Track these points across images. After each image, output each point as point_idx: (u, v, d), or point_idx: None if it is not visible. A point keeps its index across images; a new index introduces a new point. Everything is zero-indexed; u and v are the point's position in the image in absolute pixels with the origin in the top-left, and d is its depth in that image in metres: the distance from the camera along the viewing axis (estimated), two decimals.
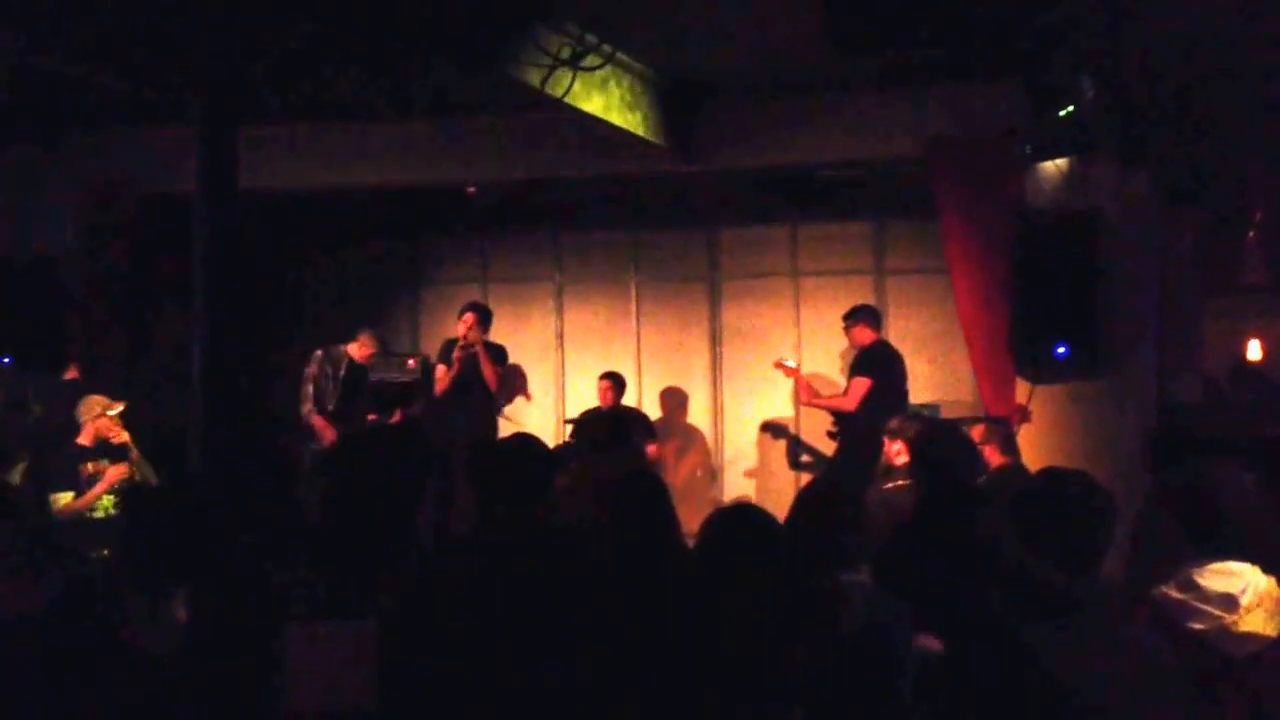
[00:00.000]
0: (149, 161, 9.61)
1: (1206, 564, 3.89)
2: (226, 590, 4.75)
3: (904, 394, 9.34)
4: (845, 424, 9.29)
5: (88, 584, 6.01)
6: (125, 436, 7.94)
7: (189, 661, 4.48)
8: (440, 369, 9.87)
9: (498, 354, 10.27)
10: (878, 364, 9.18)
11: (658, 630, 3.98)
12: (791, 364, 10.07)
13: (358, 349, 10.24)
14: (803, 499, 4.81)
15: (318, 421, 9.96)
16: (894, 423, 7.47)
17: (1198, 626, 3.81)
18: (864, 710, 3.99)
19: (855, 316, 9.51)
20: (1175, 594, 3.88)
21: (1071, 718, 3.34)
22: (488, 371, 10.03)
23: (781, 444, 11.06)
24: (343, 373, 10.12)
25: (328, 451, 9.53)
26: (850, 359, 9.77)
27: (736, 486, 11.23)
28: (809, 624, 4.02)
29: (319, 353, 10.23)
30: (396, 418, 9.74)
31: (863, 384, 9.05)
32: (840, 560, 4.35)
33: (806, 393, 9.78)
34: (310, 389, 10.08)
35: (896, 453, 7.22)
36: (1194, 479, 4.19)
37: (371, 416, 9.84)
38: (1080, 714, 3.34)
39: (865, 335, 9.40)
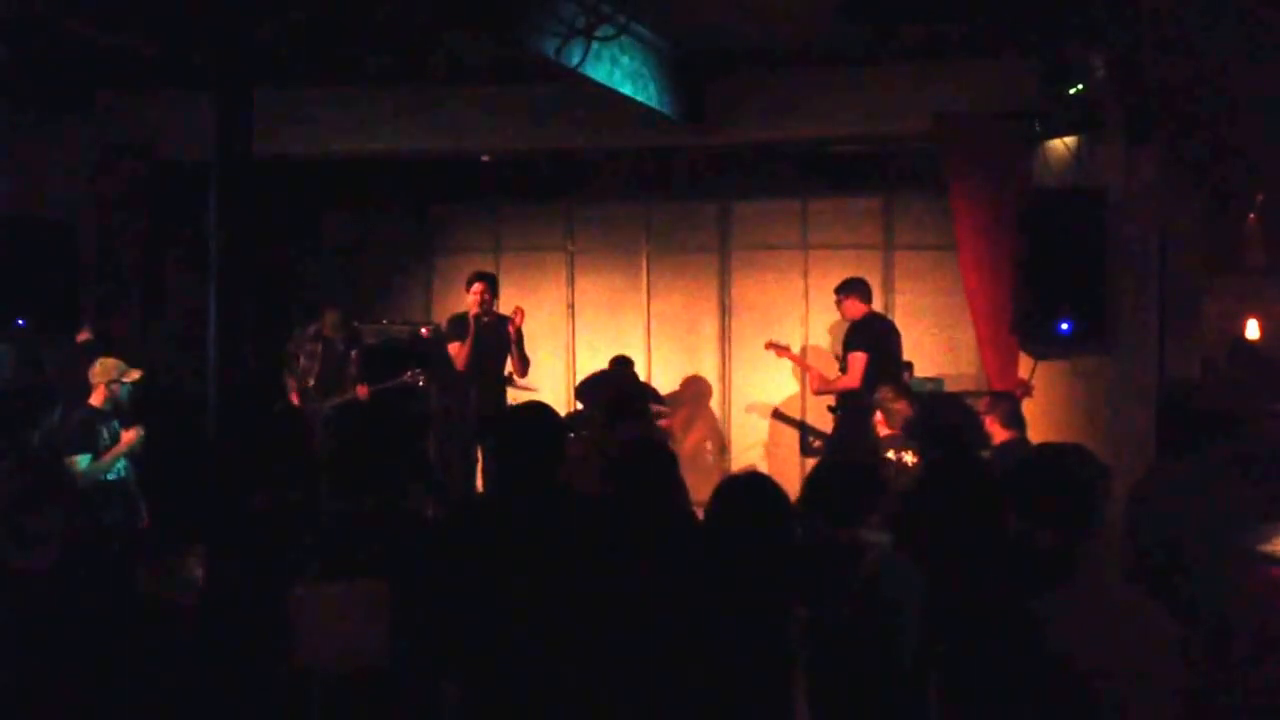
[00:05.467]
0: (165, 126, 9.66)
1: None
2: (242, 549, 4.84)
3: (900, 363, 9.41)
4: (845, 397, 9.32)
5: (103, 540, 6.12)
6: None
7: (205, 617, 4.58)
8: (454, 345, 9.77)
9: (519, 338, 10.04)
10: (872, 336, 9.21)
11: (663, 593, 4.05)
12: (783, 344, 10.08)
13: (326, 327, 10.08)
14: (823, 466, 4.93)
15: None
16: (882, 393, 7.68)
17: None
18: (869, 671, 4.07)
19: (847, 289, 9.45)
20: None
21: (1069, 679, 3.42)
22: (516, 356, 9.85)
23: (789, 415, 11.13)
24: (320, 349, 10.07)
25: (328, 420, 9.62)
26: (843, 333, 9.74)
27: (744, 456, 11.31)
28: (816, 586, 4.09)
29: (296, 331, 10.13)
30: (363, 391, 9.68)
31: (861, 359, 9.06)
32: (856, 523, 4.43)
33: (817, 381, 9.74)
34: (293, 366, 10.07)
35: (879, 423, 7.50)
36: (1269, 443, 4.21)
37: (362, 390, 9.79)
38: (1078, 674, 3.42)
39: (857, 308, 9.36)
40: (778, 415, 11.16)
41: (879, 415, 7.58)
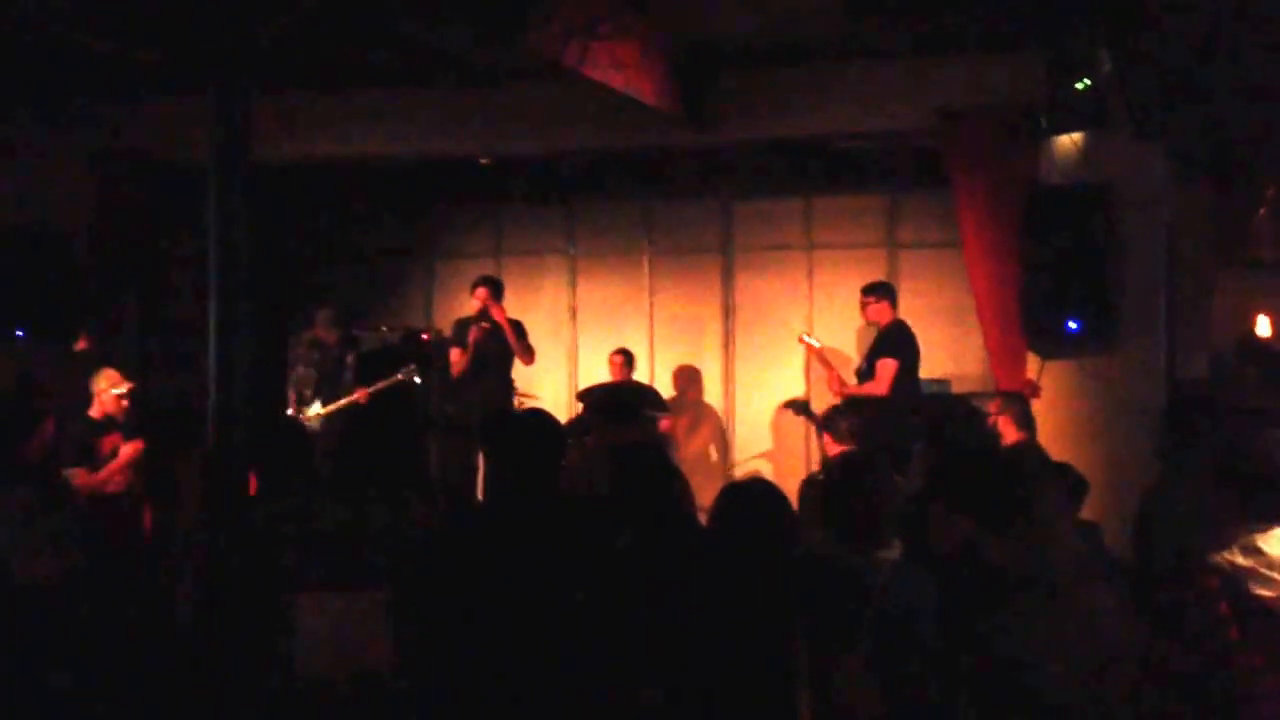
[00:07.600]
0: (162, 132, 9.61)
1: (1270, 529, 3.81)
2: (241, 559, 4.78)
3: (918, 373, 9.28)
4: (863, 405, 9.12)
5: (106, 552, 6.06)
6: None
7: (205, 628, 4.53)
8: (455, 351, 9.71)
9: (520, 329, 10.00)
10: (902, 345, 8.93)
11: (664, 600, 4.01)
12: (814, 342, 9.91)
13: (318, 328, 10.02)
14: (834, 473, 4.87)
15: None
16: (829, 413, 7.46)
17: (1264, 593, 3.73)
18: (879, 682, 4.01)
19: (878, 292, 9.16)
20: (1240, 560, 3.80)
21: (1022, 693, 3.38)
22: (517, 348, 9.78)
23: (794, 418, 11.05)
24: (316, 355, 9.99)
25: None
26: (865, 335, 9.62)
27: (748, 460, 11.24)
28: (819, 598, 4.04)
29: (290, 339, 10.06)
30: (362, 395, 9.59)
31: (891, 365, 8.75)
32: (869, 535, 4.37)
33: (838, 383, 9.48)
34: (292, 376, 9.99)
35: (827, 442, 7.26)
36: (1245, 444, 4.14)
37: (361, 393, 9.73)
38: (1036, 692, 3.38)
39: (886, 313, 9.08)
40: (782, 417, 11.07)
41: (827, 436, 7.31)
